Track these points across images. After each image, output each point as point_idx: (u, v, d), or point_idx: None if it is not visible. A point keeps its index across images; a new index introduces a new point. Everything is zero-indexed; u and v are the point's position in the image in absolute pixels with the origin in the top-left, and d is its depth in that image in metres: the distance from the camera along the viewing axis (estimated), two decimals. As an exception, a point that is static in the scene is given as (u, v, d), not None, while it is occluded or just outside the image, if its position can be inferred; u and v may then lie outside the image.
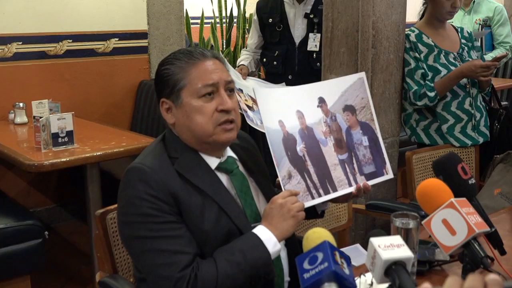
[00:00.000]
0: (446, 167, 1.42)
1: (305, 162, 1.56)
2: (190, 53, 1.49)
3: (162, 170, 1.43)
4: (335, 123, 1.65)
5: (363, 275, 1.38)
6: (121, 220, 1.47)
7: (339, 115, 1.66)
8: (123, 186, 1.46)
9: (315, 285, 0.94)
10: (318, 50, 3.14)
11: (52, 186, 3.95)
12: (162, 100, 1.49)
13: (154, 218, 1.38)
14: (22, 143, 3.09)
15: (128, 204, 1.42)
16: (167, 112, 1.50)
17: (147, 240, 1.39)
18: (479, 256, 1.21)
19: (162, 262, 1.37)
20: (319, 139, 1.61)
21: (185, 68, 1.46)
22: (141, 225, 1.39)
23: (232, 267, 1.38)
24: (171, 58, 1.50)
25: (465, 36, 2.86)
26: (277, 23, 3.25)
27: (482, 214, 1.30)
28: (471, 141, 2.76)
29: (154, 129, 3.83)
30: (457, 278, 0.60)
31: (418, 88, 2.70)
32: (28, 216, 2.76)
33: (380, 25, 2.66)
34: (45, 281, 3.06)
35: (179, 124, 1.48)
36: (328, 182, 1.58)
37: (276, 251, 1.43)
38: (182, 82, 1.45)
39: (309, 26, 3.20)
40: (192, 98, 1.45)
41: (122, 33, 4.09)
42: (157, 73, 1.52)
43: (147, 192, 1.39)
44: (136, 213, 1.40)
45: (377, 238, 1.08)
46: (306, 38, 3.21)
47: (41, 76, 3.79)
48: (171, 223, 1.39)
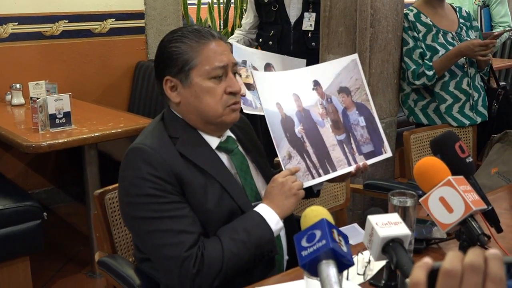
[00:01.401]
0: (443, 145, 1.42)
1: (304, 143, 1.58)
2: (199, 32, 1.47)
3: (164, 150, 1.43)
4: (331, 105, 1.66)
5: (360, 253, 1.39)
6: (124, 201, 1.46)
7: (334, 97, 1.68)
8: (124, 167, 1.45)
9: (313, 262, 0.95)
10: (314, 29, 3.13)
11: (50, 167, 3.95)
12: (167, 78, 1.47)
13: (157, 199, 1.38)
14: (19, 125, 3.09)
15: (130, 185, 1.42)
16: (171, 91, 1.47)
17: (151, 220, 1.39)
18: (475, 234, 1.21)
19: (168, 242, 1.37)
20: (316, 121, 1.62)
21: (196, 47, 1.44)
22: (145, 206, 1.39)
23: (237, 245, 1.39)
24: (178, 36, 1.46)
25: (464, 16, 2.85)
26: (273, 2, 3.23)
27: (479, 192, 1.31)
28: (469, 121, 2.76)
29: (152, 110, 3.82)
30: (458, 253, 0.60)
31: (417, 67, 2.69)
32: (26, 198, 2.76)
33: (379, 4, 2.64)
34: (44, 262, 3.07)
35: (185, 103, 1.47)
36: (327, 162, 1.60)
37: (278, 229, 1.45)
38: (192, 62, 1.44)
39: (304, 5, 3.18)
40: (202, 78, 1.44)
41: (119, 14, 4.06)
42: (162, 50, 1.48)
43: (150, 173, 1.39)
44: (139, 194, 1.40)
45: (375, 216, 1.09)
46: (301, 17, 3.19)
47: (38, 57, 3.77)
48: (175, 203, 1.40)
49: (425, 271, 0.60)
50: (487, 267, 0.59)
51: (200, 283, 1.36)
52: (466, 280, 0.58)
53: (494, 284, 0.58)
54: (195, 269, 1.35)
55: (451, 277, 0.59)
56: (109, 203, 1.71)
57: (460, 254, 0.60)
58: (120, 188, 1.49)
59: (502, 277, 0.58)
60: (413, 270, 0.61)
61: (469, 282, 0.58)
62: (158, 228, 1.38)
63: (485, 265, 0.59)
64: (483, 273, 0.58)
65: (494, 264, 0.58)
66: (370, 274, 1.35)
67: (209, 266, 1.36)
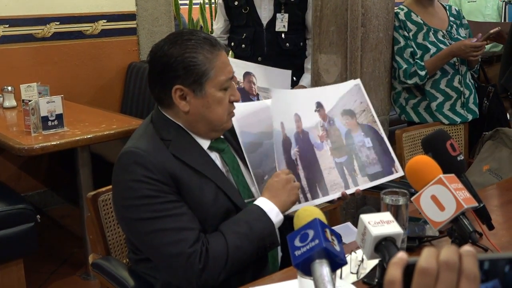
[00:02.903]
0: (435, 144, 1.43)
1: (297, 166, 1.61)
2: (210, 42, 1.48)
3: (158, 153, 1.43)
4: (333, 127, 1.68)
5: (353, 252, 1.40)
6: (120, 205, 1.46)
7: (337, 119, 1.70)
8: (118, 171, 1.45)
9: (306, 262, 0.95)
10: (287, 30, 3.10)
11: (43, 170, 3.94)
12: (178, 87, 1.45)
13: (155, 199, 1.39)
14: (11, 127, 3.08)
15: (126, 188, 1.42)
16: (180, 99, 1.46)
17: (151, 221, 1.39)
18: (467, 231, 1.22)
19: (171, 240, 1.38)
20: (314, 143, 1.65)
21: (211, 59, 1.45)
22: (143, 207, 1.39)
23: (240, 238, 1.41)
24: (193, 45, 1.45)
25: (454, 14, 2.86)
26: (243, 5, 3.16)
27: (470, 189, 1.32)
28: (460, 119, 2.78)
29: (145, 111, 3.82)
30: (433, 250, 0.61)
31: (408, 66, 2.70)
32: (19, 200, 2.76)
33: (369, 4, 2.66)
34: (38, 264, 3.07)
35: (194, 112, 1.48)
36: (318, 187, 1.62)
37: (279, 221, 1.48)
38: (209, 74, 1.45)
39: (276, 6, 3.13)
40: (215, 89, 1.47)
41: (110, 15, 4.06)
42: (173, 59, 1.44)
43: (145, 175, 1.39)
44: (136, 196, 1.40)
45: (367, 215, 1.09)
46: (273, 18, 3.13)
47: (29, 59, 3.76)
48: (173, 202, 1.41)
49: (400, 268, 0.61)
50: (461, 264, 0.59)
51: (206, 278, 1.37)
52: (442, 278, 0.59)
53: (468, 280, 0.59)
54: (201, 264, 1.36)
55: (426, 275, 0.59)
56: (103, 205, 1.71)
57: (435, 251, 0.61)
58: (115, 193, 1.49)
59: (476, 274, 0.59)
60: (388, 268, 0.61)
61: (445, 279, 0.59)
62: (159, 228, 1.38)
63: (460, 262, 0.59)
64: (458, 270, 0.59)
65: (469, 261, 0.59)
66: (364, 273, 1.36)
67: (214, 260, 1.37)
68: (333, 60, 2.71)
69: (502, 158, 2.58)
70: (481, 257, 0.60)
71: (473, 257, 0.59)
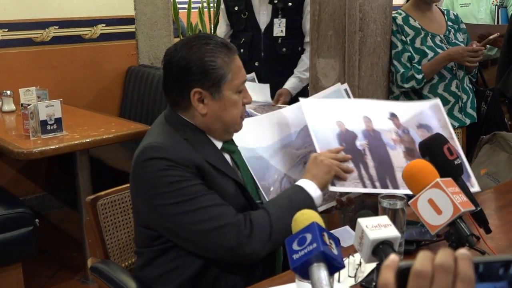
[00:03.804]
0: (432, 148, 1.44)
1: (364, 155, 1.61)
2: (227, 46, 1.52)
3: (180, 147, 1.47)
4: (407, 135, 1.69)
5: (351, 255, 1.40)
6: (150, 195, 1.45)
7: (412, 130, 1.70)
8: (141, 165, 1.45)
9: (304, 265, 0.96)
10: (284, 35, 3.12)
11: (42, 173, 3.95)
12: (197, 90, 1.48)
13: (185, 183, 1.42)
14: (10, 131, 3.09)
15: (153, 179, 1.43)
16: (199, 102, 1.50)
17: (187, 202, 1.41)
18: (464, 235, 1.23)
19: (212, 215, 1.41)
20: (386, 143, 1.65)
21: (228, 62, 1.50)
22: (175, 193, 1.42)
23: (281, 210, 1.46)
24: (211, 50, 1.48)
25: (451, 19, 2.87)
26: (242, 10, 3.20)
27: (467, 193, 1.32)
28: (458, 123, 2.79)
29: (143, 115, 3.82)
30: (428, 253, 0.61)
31: (405, 70, 2.71)
32: (18, 204, 2.76)
33: (367, 8, 2.66)
34: (37, 268, 3.07)
35: (212, 115, 1.51)
36: (389, 179, 1.60)
37: (318, 196, 1.52)
38: (227, 77, 1.49)
39: (273, 11, 3.16)
40: (232, 92, 1.51)
41: (109, 19, 4.07)
42: (192, 63, 1.47)
43: (169, 164, 1.42)
44: (166, 183, 1.42)
45: (365, 219, 1.10)
46: (271, 24, 3.16)
47: (28, 63, 3.77)
48: (202, 185, 1.45)
49: (393, 271, 0.62)
50: (457, 267, 0.60)
51: (253, 245, 1.40)
52: (437, 281, 0.59)
53: (463, 283, 0.59)
54: (247, 230, 1.40)
55: (421, 278, 0.60)
56: (101, 208, 1.72)
57: (431, 255, 0.61)
58: (139, 187, 1.48)
59: (471, 277, 0.59)
60: (381, 271, 0.62)
61: (440, 282, 0.59)
62: (198, 206, 1.41)
63: (455, 265, 0.60)
64: (453, 273, 0.60)
65: (464, 264, 0.60)
66: (361, 276, 1.37)
67: (259, 228, 1.41)
68: (331, 64, 2.72)
69: (499, 162, 2.59)
70: (476, 259, 0.61)
71: (468, 260, 0.60)
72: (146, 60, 4.25)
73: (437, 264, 0.60)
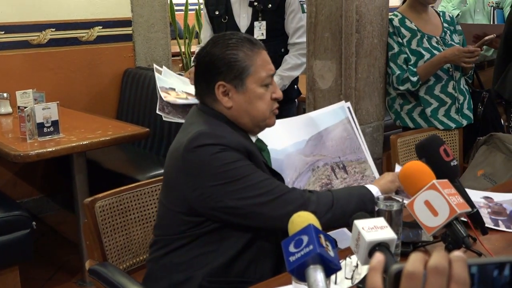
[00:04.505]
0: (428, 149, 1.45)
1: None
2: (250, 41, 1.57)
3: (229, 133, 1.51)
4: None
5: (348, 257, 1.41)
6: (206, 178, 1.46)
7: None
8: (194, 150, 1.46)
9: (301, 267, 0.96)
10: (265, 38, 3.04)
11: (39, 176, 3.94)
12: (221, 83, 1.53)
13: (242, 162, 1.46)
14: (7, 134, 3.08)
15: (208, 161, 1.45)
16: (223, 95, 1.54)
17: (245, 178, 1.46)
18: (461, 236, 1.23)
19: (275, 186, 1.47)
20: None
21: (251, 56, 1.54)
22: (234, 171, 1.45)
23: (343, 194, 1.54)
24: (233, 44, 1.54)
25: (447, 20, 2.88)
26: (223, 14, 3.16)
27: (463, 195, 1.33)
28: (455, 124, 2.79)
29: (140, 118, 3.82)
30: (420, 255, 0.62)
31: (401, 72, 2.72)
32: (15, 207, 2.75)
33: (364, 10, 2.67)
34: (34, 271, 3.06)
35: (237, 108, 1.55)
36: None
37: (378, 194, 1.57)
38: (249, 70, 1.53)
39: (253, 14, 3.11)
40: (256, 85, 1.54)
41: (106, 21, 4.06)
42: (215, 57, 1.53)
43: (223, 148, 1.46)
44: (224, 163, 1.45)
45: (361, 221, 1.10)
46: (251, 27, 3.11)
47: (25, 65, 3.77)
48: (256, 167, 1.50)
49: (380, 273, 0.62)
50: (451, 269, 0.60)
51: (316, 208, 1.45)
52: (430, 283, 0.59)
53: (458, 285, 0.59)
54: (312, 196, 1.49)
55: (413, 279, 0.60)
56: (99, 211, 1.72)
57: (423, 256, 0.62)
58: (190, 172, 1.48)
59: (466, 279, 0.60)
60: (368, 274, 0.62)
61: (434, 284, 0.60)
62: (259, 178, 1.46)
63: (450, 267, 0.60)
64: (447, 275, 0.60)
65: (458, 266, 0.60)
66: (358, 278, 1.37)
67: (321, 198, 1.49)
68: (328, 66, 2.73)
69: (496, 163, 2.60)
70: (470, 261, 0.61)
71: (463, 262, 0.60)
72: (143, 62, 4.25)
73: (431, 266, 0.60)
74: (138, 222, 1.81)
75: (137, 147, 3.81)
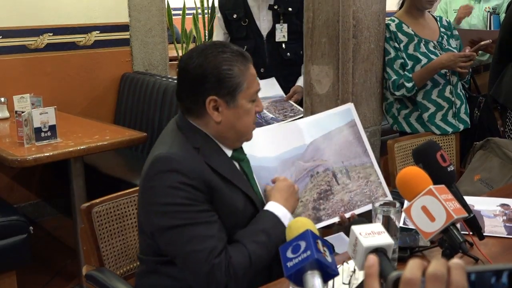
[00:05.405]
0: (425, 155, 1.45)
1: None
2: (243, 55, 1.53)
3: (192, 159, 1.47)
4: None
5: (345, 262, 1.41)
6: (152, 210, 1.46)
7: None
8: (152, 176, 1.46)
9: (299, 273, 0.96)
10: (287, 40, 3.15)
11: (36, 181, 3.93)
12: (212, 98, 1.48)
13: (190, 207, 1.42)
14: (4, 138, 3.07)
15: (160, 194, 1.43)
16: (214, 110, 1.50)
17: (184, 228, 1.42)
18: (457, 241, 1.24)
19: (200, 247, 1.40)
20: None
21: (243, 71, 1.51)
22: (178, 214, 1.42)
23: (260, 247, 1.46)
24: (228, 58, 1.49)
25: (444, 25, 2.90)
26: (242, 17, 3.21)
27: (460, 200, 1.33)
28: (452, 129, 2.80)
29: (138, 122, 3.82)
30: (418, 261, 0.62)
31: (397, 78, 2.73)
32: (12, 212, 2.75)
33: (361, 15, 2.68)
34: (31, 276, 3.05)
35: (226, 123, 1.51)
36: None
37: None
38: (242, 86, 1.50)
39: (274, 17, 3.19)
40: (246, 101, 1.52)
41: (103, 26, 4.07)
42: (208, 70, 1.48)
43: (181, 181, 1.42)
44: (171, 203, 1.42)
45: (359, 226, 1.10)
46: (273, 29, 3.20)
47: (22, 70, 3.76)
48: (206, 211, 1.44)
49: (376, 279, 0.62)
50: (450, 276, 0.60)
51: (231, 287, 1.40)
52: None
53: None
54: (227, 276, 1.40)
55: (411, 286, 0.60)
56: (96, 216, 1.72)
57: (421, 263, 0.62)
58: (146, 198, 1.49)
59: (464, 286, 0.60)
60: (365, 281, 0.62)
61: None
62: (191, 234, 1.41)
63: (448, 274, 0.60)
64: (445, 282, 0.60)
65: (457, 273, 0.60)
66: (355, 283, 1.37)
67: (237, 270, 1.41)
68: (325, 71, 2.74)
69: (493, 167, 2.60)
70: (469, 269, 0.61)
71: (462, 270, 0.60)
72: (140, 67, 4.25)
73: (430, 273, 0.60)
74: (135, 227, 1.81)
75: (135, 152, 3.81)
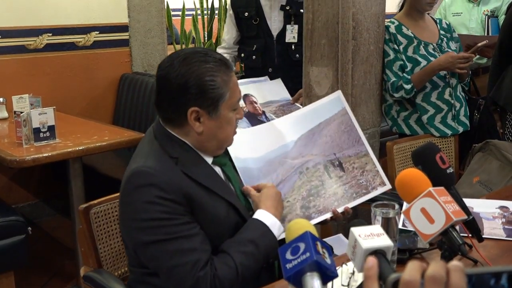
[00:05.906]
0: (424, 157, 1.45)
1: None
2: (225, 64, 1.49)
3: (169, 171, 1.43)
4: None
5: (345, 264, 1.41)
6: (131, 226, 1.44)
7: None
8: (130, 191, 1.43)
9: (298, 275, 0.96)
10: (297, 41, 3.15)
11: (35, 181, 3.93)
12: (194, 109, 1.45)
13: (169, 221, 1.38)
14: (3, 139, 3.07)
15: (138, 210, 1.40)
16: (195, 121, 1.46)
17: (164, 242, 1.38)
18: (457, 244, 1.23)
19: (183, 261, 1.37)
20: None
21: (226, 81, 1.47)
22: (157, 230, 1.38)
23: (247, 258, 1.43)
24: (211, 69, 1.45)
25: (444, 27, 2.90)
26: (253, 16, 3.23)
27: (459, 202, 1.33)
28: (451, 131, 2.80)
29: (137, 123, 3.82)
30: (418, 264, 0.62)
31: (396, 79, 2.73)
32: (10, 212, 2.74)
33: (360, 17, 2.68)
34: (29, 277, 3.05)
35: (207, 133, 1.48)
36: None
37: (281, 233, 1.51)
38: (225, 96, 1.47)
39: (285, 18, 3.20)
40: (228, 110, 1.49)
41: (103, 26, 4.07)
42: (191, 82, 1.43)
43: (159, 196, 1.38)
44: (149, 218, 1.39)
45: (358, 228, 1.10)
46: (283, 30, 3.20)
47: (21, 70, 3.76)
48: (187, 224, 1.41)
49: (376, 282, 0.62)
50: (449, 279, 0.60)
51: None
52: None
53: None
54: None
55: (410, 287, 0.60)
56: (95, 217, 1.71)
57: (420, 265, 0.62)
58: (125, 213, 1.47)
59: None
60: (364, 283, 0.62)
61: None
62: (173, 249, 1.38)
63: (447, 276, 0.60)
64: (444, 284, 0.60)
65: (456, 276, 0.60)
66: (355, 285, 1.37)
67: (223, 282, 1.38)
68: (325, 72, 2.73)
69: (492, 170, 2.60)
70: (468, 271, 0.61)
71: (461, 272, 0.60)
72: (139, 68, 4.25)
73: (429, 275, 0.60)
74: (134, 228, 1.81)
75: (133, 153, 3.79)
